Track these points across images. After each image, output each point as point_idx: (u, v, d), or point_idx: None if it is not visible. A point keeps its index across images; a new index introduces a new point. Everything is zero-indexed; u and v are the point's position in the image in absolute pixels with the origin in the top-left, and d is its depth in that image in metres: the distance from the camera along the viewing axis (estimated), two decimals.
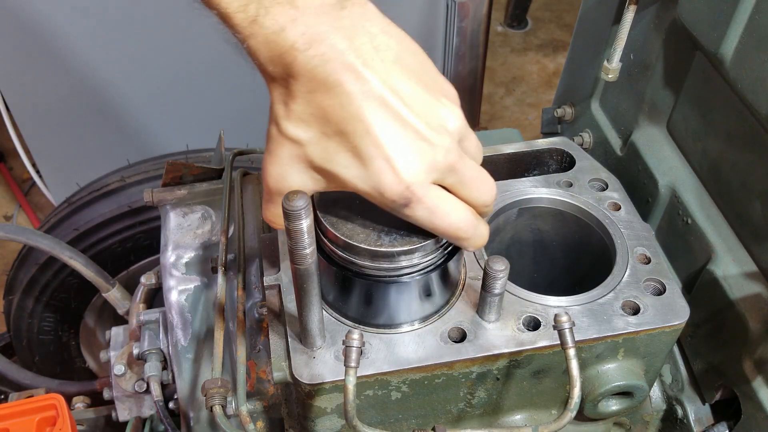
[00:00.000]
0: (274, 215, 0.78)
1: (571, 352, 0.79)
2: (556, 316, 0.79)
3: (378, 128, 0.66)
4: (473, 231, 0.74)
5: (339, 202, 0.83)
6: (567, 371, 0.80)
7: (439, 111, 0.70)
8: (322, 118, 0.67)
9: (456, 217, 0.72)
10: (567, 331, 0.79)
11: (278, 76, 0.67)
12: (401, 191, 0.68)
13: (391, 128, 0.66)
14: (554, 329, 0.80)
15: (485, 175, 0.75)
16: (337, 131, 0.67)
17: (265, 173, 0.74)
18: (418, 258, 0.79)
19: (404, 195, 0.68)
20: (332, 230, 0.79)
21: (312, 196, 0.84)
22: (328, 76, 0.65)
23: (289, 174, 0.72)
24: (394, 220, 0.81)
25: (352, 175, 0.69)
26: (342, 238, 0.79)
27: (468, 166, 0.72)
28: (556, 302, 0.91)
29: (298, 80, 0.65)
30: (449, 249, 0.82)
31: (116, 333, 1.40)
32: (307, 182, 0.73)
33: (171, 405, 1.27)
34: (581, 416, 0.98)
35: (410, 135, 0.67)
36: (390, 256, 0.78)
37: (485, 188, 0.75)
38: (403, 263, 0.79)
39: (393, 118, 0.66)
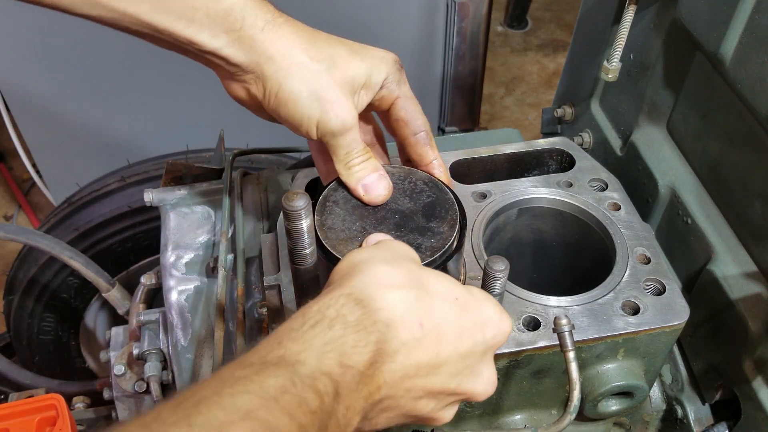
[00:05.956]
0: None
1: (571, 355, 0.79)
2: (555, 318, 0.79)
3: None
4: None
5: (339, 203, 0.83)
6: (566, 373, 0.80)
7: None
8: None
9: None
10: (566, 334, 0.79)
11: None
12: None
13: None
14: (554, 332, 0.80)
15: None
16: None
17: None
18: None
19: None
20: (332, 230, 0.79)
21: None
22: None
23: None
24: (393, 221, 0.81)
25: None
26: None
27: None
28: (556, 302, 0.91)
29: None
30: (449, 249, 0.82)
31: (116, 333, 1.40)
32: None
33: None
34: (581, 416, 0.98)
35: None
36: None
37: None
38: None
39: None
